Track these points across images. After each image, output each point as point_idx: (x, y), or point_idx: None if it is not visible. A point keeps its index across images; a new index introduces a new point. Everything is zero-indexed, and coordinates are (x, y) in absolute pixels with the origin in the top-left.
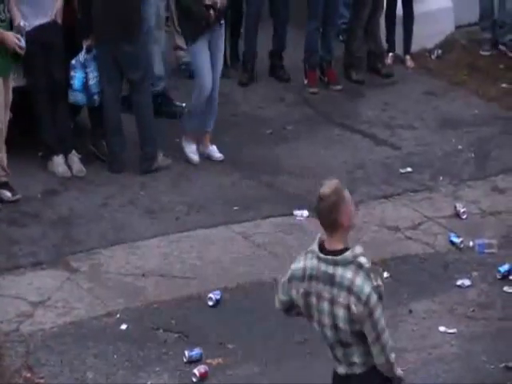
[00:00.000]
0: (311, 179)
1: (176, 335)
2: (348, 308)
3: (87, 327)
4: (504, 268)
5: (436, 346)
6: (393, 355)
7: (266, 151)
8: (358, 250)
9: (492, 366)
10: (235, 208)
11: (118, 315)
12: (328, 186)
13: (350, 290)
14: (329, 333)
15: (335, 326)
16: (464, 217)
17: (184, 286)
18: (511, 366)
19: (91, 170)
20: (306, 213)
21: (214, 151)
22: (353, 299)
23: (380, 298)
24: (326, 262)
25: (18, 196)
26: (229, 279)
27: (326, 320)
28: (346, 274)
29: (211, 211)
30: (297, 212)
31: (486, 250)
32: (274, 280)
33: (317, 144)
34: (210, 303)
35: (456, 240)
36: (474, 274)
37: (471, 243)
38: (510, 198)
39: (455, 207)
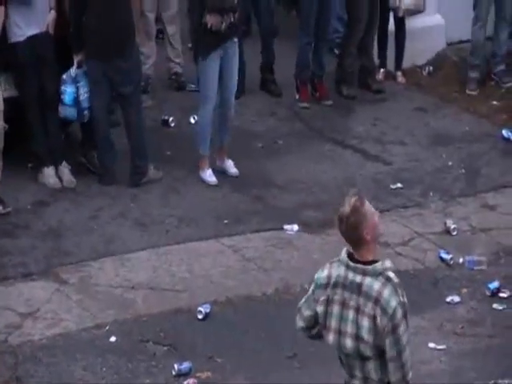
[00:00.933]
0: (302, 194)
1: (165, 348)
2: (374, 319)
3: (76, 339)
4: (493, 285)
5: (425, 362)
6: (410, 374)
7: (256, 165)
8: (388, 263)
9: (481, 383)
10: (225, 221)
11: (107, 327)
12: (348, 205)
13: (376, 301)
14: (348, 343)
15: (357, 336)
16: (454, 233)
17: (173, 299)
18: (500, 383)
19: (82, 181)
20: (296, 227)
21: (230, 166)
22: (379, 311)
23: (405, 315)
24: (355, 270)
25: (8, 209)
26: (218, 293)
27: (349, 329)
28: (374, 284)
29: (201, 224)
30: (287, 226)
31: (476, 267)
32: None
33: (307, 159)
34: (200, 316)
35: (446, 256)
36: (464, 290)
37: (461, 260)
38: (500, 215)
39: (445, 223)
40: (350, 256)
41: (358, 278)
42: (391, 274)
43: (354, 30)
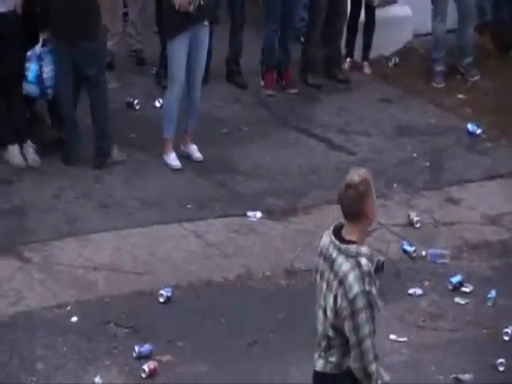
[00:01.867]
0: (265, 181)
1: (126, 330)
2: (335, 298)
3: (38, 318)
4: (456, 279)
5: (386, 354)
6: (373, 366)
7: (220, 151)
8: (365, 250)
9: (441, 377)
10: (188, 206)
11: (69, 307)
12: (357, 174)
13: (341, 282)
14: (320, 315)
15: (324, 311)
16: (417, 226)
17: (135, 282)
18: (461, 377)
19: (46, 161)
20: (259, 214)
21: (194, 151)
22: (341, 292)
23: (369, 304)
24: (334, 245)
25: None
26: (180, 277)
27: (321, 301)
28: (343, 265)
29: (164, 208)
30: (250, 213)
31: (439, 260)
32: None
33: (272, 146)
34: (161, 300)
35: (409, 248)
36: (426, 283)
37: (424, 252)
38: (463, 209)
39: (409, 216)
40: (337, 229)
41: (334, 254)
42: (363, 261)
43: (315, 18)
